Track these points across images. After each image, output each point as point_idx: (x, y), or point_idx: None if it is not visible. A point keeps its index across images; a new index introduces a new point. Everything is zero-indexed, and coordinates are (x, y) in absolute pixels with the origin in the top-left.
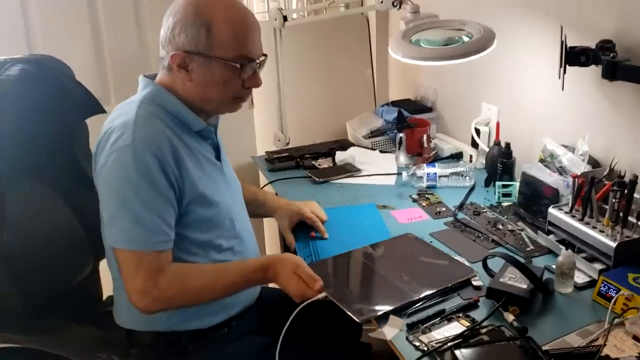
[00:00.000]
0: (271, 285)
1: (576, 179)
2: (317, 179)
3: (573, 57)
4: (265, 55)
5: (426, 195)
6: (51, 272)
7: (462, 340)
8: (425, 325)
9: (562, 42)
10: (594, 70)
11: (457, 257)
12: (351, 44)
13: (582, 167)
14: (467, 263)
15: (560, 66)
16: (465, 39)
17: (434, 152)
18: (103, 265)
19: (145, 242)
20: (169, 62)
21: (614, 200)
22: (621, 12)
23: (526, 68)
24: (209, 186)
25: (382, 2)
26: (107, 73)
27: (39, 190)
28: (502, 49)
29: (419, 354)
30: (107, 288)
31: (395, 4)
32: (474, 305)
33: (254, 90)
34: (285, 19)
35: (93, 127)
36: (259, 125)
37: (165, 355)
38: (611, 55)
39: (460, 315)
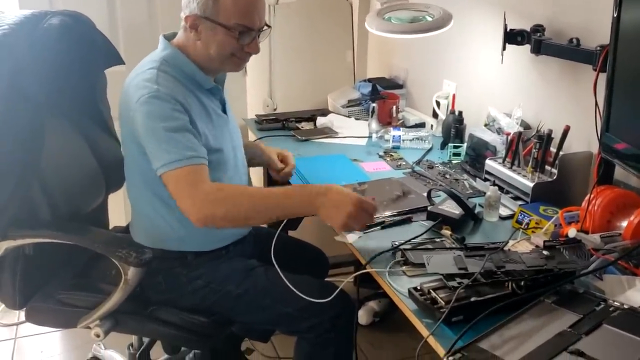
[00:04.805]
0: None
1: (508, 136)
2: (300, 137)
3: (512, 37)
4: (269, 26)
5: (391, 153)
6: (72, 195)
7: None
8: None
9: (504, 25)
10: (528, 49)
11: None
12: (335, 26)
13: (515, 129)
14: None
15: (503, 45)
16: (428, 18)
17: (400, 122)
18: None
19: (178, 159)
20: (184, 22)
21: (534, 150)
22: (551, 2)
23: (477, 48)
24: (215, 135)
25: None
26: (118, 38)
27: (66, 128)
28: (459, 32)
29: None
30: (112, 221)
31: None
32: (408, 221)
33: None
34: None
35: (110, 78)
36: (251, 91)
37: (173, 264)
38: (538, 35)
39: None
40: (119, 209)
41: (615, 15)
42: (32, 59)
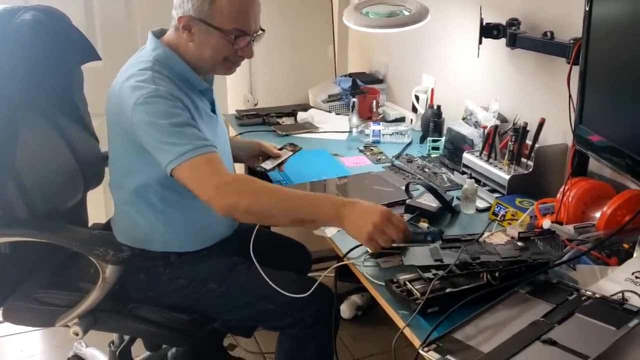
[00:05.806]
0: None
1: (485, 129)
2: (280, 132)
3: (488, 31)
4: (263, 30)
5: (371, 148)
6: (49, 192)
7: None
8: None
9: (480, 19)
10: (504, 43)
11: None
12: (316, 21)
13: (492, 122)
14: None
15: (479, 39)
16: (405, 12)
17: (381, 116)
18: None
19: (191, 150)
20: (176, 22)
21: (510, 143)
22: None
23: (454, 42)
24: (209, 136)
25: None
26: (96, 34)
27: (42, 124)
28: (436, 26)
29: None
30: (92, 217)
31: None
32: None
33: None
34: None
35: (87, 74)
36: (231, 86)
37: (155, 263)
38: (513, 28)
39: None
40: (98, 206)
41: (587, 8)
42: (4, 55)
